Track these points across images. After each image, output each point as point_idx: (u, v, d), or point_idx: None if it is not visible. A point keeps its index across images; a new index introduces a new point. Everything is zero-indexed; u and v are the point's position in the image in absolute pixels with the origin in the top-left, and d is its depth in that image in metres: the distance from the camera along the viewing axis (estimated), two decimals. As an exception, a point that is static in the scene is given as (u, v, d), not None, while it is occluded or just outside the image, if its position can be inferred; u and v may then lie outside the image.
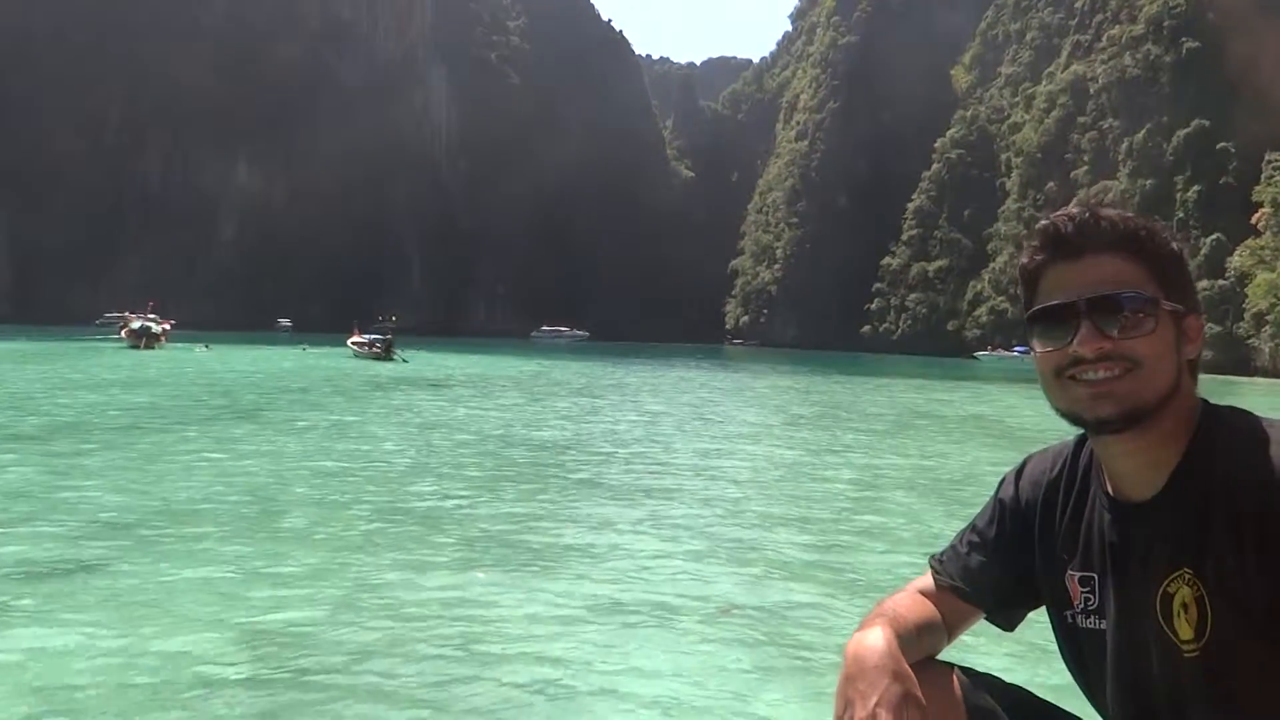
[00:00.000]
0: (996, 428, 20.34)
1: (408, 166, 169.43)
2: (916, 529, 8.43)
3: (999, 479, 1.55)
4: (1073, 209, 1.38)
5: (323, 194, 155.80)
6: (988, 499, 1.59)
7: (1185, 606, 1.29)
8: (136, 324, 49.36)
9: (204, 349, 49.43)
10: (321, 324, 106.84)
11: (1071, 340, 1.31)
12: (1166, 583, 1.31)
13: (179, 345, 53.45)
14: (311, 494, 8.79)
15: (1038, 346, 1.36)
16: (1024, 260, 1.40)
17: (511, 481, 10.10)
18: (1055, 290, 1.35)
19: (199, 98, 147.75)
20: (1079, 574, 1.42)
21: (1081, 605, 1.43)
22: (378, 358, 42.34)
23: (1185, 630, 1.29)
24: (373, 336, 45.85)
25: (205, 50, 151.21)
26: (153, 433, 13.07)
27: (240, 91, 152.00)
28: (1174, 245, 1.36)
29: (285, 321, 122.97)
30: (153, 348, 46.64)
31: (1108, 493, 1.40)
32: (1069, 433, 1.47)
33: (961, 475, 12.23)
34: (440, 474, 10.58)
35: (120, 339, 48.97)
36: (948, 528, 7.71)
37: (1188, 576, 1.29)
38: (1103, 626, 1.40)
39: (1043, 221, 1.39)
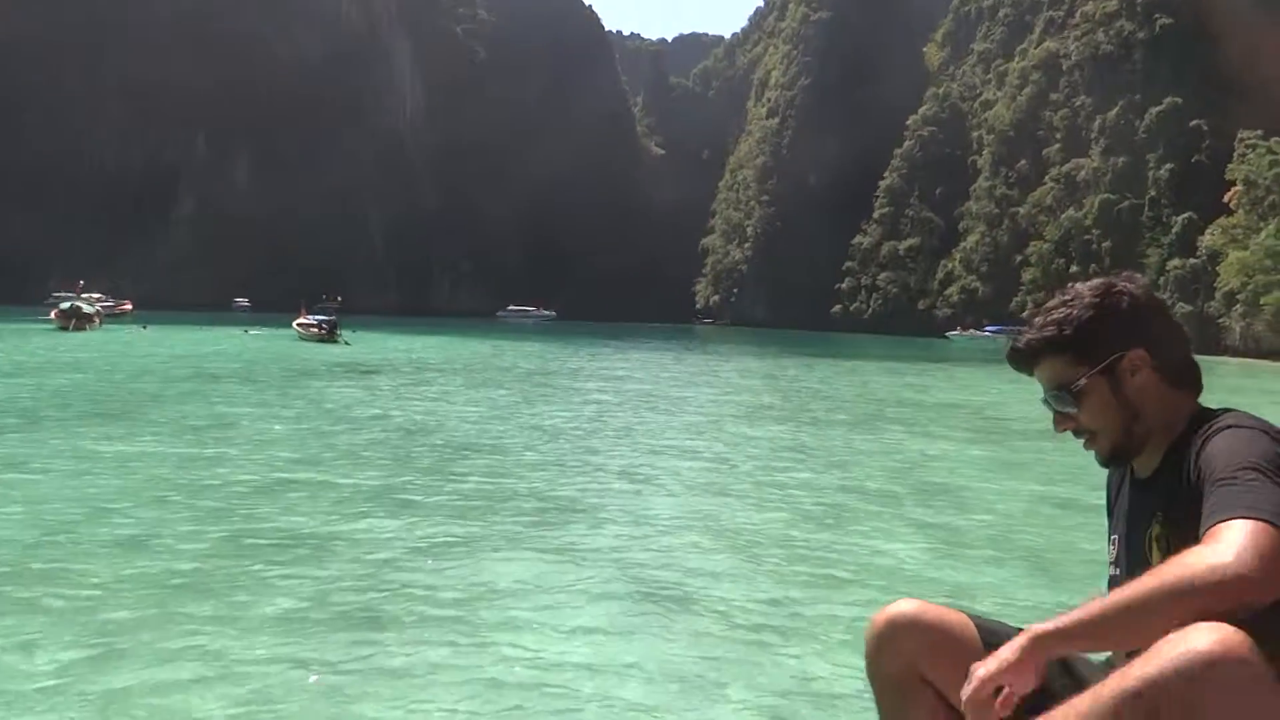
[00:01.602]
0: (978, 420, 18.55)
1: (372, 142, 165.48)
2: (896, 551, 6.55)
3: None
4: (1017, 339, 1.86)
5: (284, 170, 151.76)
6: None
7: (1157, 539, 1.73)
8: (66, 304, 46.65)
9: (142, 329, 46.84)
10: (283, 303, 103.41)
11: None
12: (1149, 527, 1.75)
13: (116, 326, 50.79)
14: (128, 525, 6.75)
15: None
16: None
17: (394, 495, 8.10)
18: (1041, 388, 1.85)
19: (157, 69, 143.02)
20: (1112, 535, 1.92)
21: (1112, 558, 1.90)
22: (321, 340, 40.09)
23: (1157, 556, 1.71)
24: (317, 318, 43.43)
25: (163, 20, 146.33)
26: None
27: (199, 64, 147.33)
28: (1084, 317, 1.75)
29: (243, 301, 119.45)
30: (84, 329, 44.01)
31: (1133, 474, 1.86)
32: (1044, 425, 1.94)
33: (946, 477, 10.39)
34: (313, 487, 8.55)
35: (50, 320, 46.27)
36: (932, 549, 5.97)
37: (1160, 518, 1.73)
38: (1118, 572, 1.85)
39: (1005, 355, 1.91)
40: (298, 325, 43.72)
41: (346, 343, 39.52)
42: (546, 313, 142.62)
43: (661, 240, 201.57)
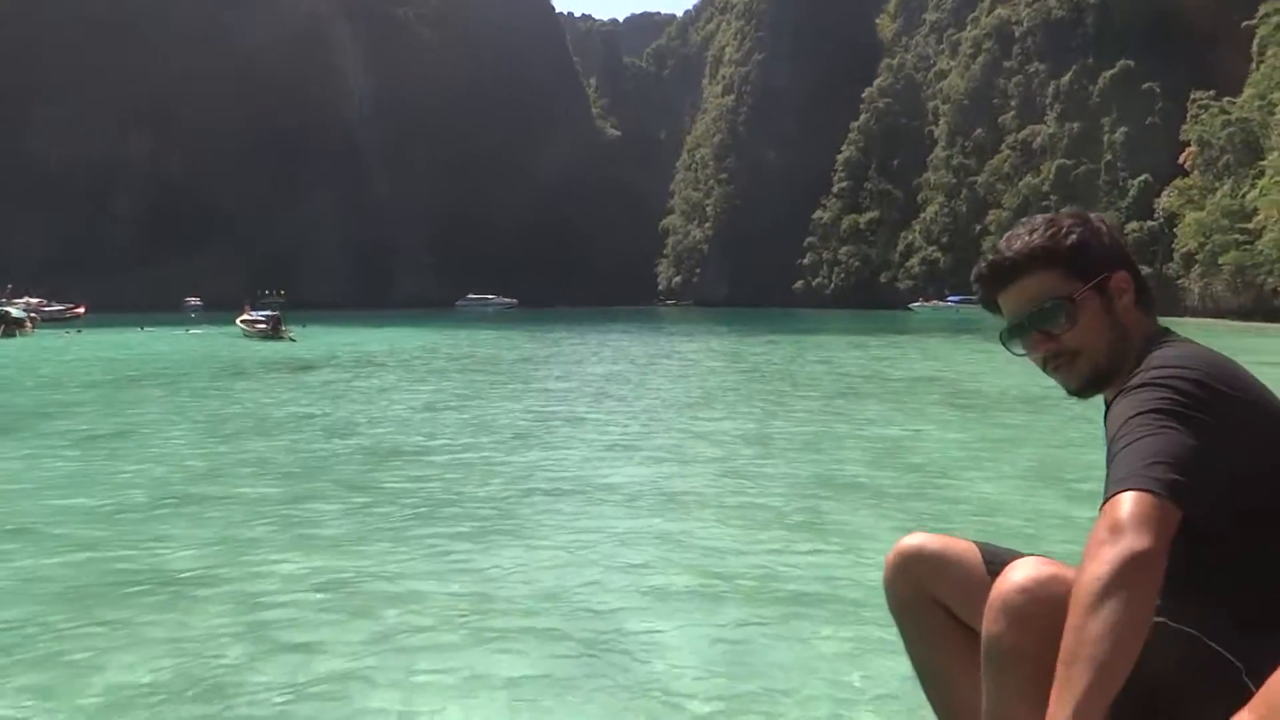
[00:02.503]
0: (952, 394, 17.46)
1: (320, 131, 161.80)
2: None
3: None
4: (989, 255, 1.82)
5: (227, 163, 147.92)
6: None
7: None
8: None
9: (76, 333, 44.72)
10: (237, 301, 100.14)
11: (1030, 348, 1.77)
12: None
13: (51, 331, 48.55)
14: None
15: (1020, 353, 1.80)
16: (980, 298, 1.85)
17: (291, 515, 6.75)
18: (1007, 312, 1.79)
19: (83, 60, 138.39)
20: None
21: None
22: (265, 336, 38.30)
23: None
24: (261, 314, 41.54)
25: (97, 9, 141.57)
26: None
27: (131, 58, 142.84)
28: (1073, 236, 1.72)
29: (194, 300, 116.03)
30: (14, 335, 41.85)
31: (1108, 407, 1.76)
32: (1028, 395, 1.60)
33: (927, 457, 9.24)
34: (202, 506, 7.18)
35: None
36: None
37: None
38: None
39: (975, 269, 1.85)
40: (241, 322, 41.87)
41: (291, 339, 37.80)
42: (507, 300, 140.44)
43: (621, 223, 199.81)
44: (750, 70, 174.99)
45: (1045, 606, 1.52)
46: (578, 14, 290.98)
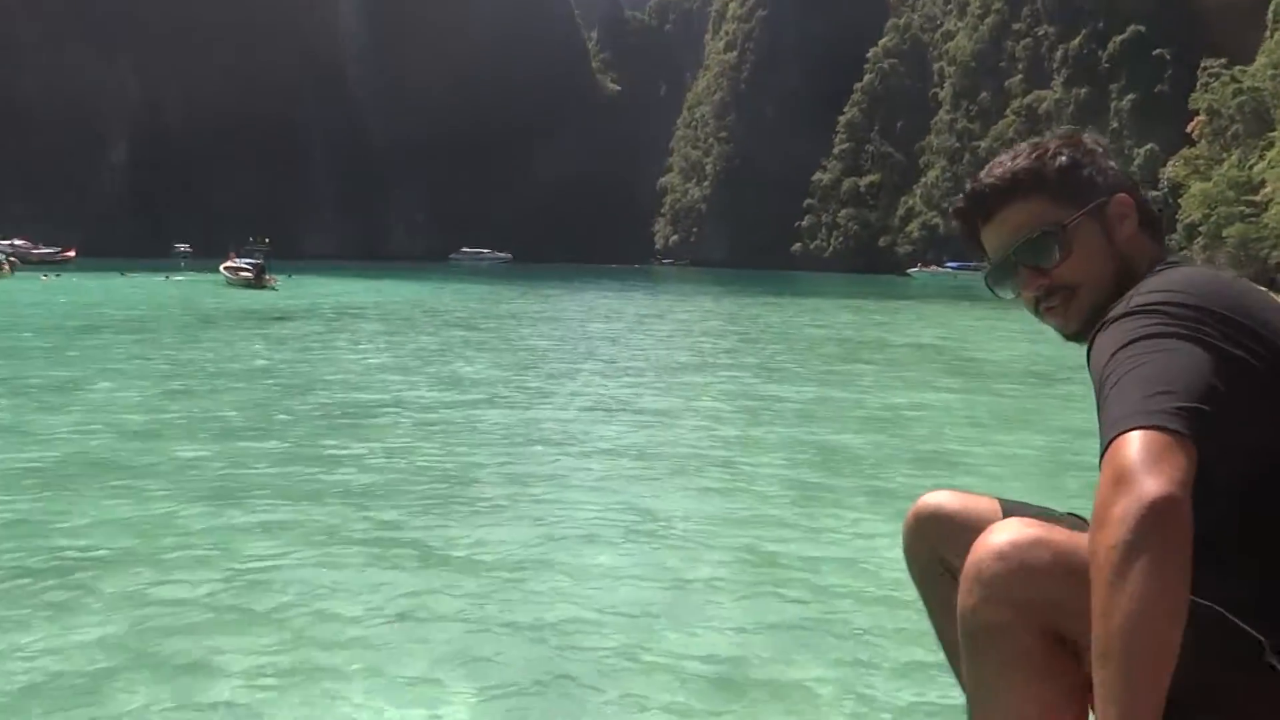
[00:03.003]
0: (954, 362, 16.68)
1: (316, 78, 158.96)
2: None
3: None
4: (968, 184, 1.59)
5: (221, 109, 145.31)
6: None
7: None
8: None
9: (43, 279, 43.73)
10: (227, 249, 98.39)
11: (1021, 287, 1.53)
12: None
13: (32, 274, 47.57)
14: None
15: (1009, 296, 1.57)
16: (961, 235, 1.62)
17: (232, 483, 5.96)
18: (991, 251, 1.56)
19: (75, 7, 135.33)
20: None
21: None
22: (248, 285, 37.36)
23: None
24: (246, 262, 40.49)
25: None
26: None
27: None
28: (1062, 158, 1.49)
29: (183, 247, 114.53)
30: (-9, 279, 40.90)
31: None
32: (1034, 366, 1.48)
33: (929, 430, 8.47)
34: (135, 474, 6.39)
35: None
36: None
37: None
38: None
39: (952, 205, 1.63)
40: (225, 269, 40.85)
41: (274, 288, 36.88)
42: (501, 255, 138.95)
43: (620, 180, 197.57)
44: (754, 26, 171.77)
45: (1025, 575, 1.29)
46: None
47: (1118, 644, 1.03)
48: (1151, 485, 1.06)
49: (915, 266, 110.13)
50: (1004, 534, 1.33)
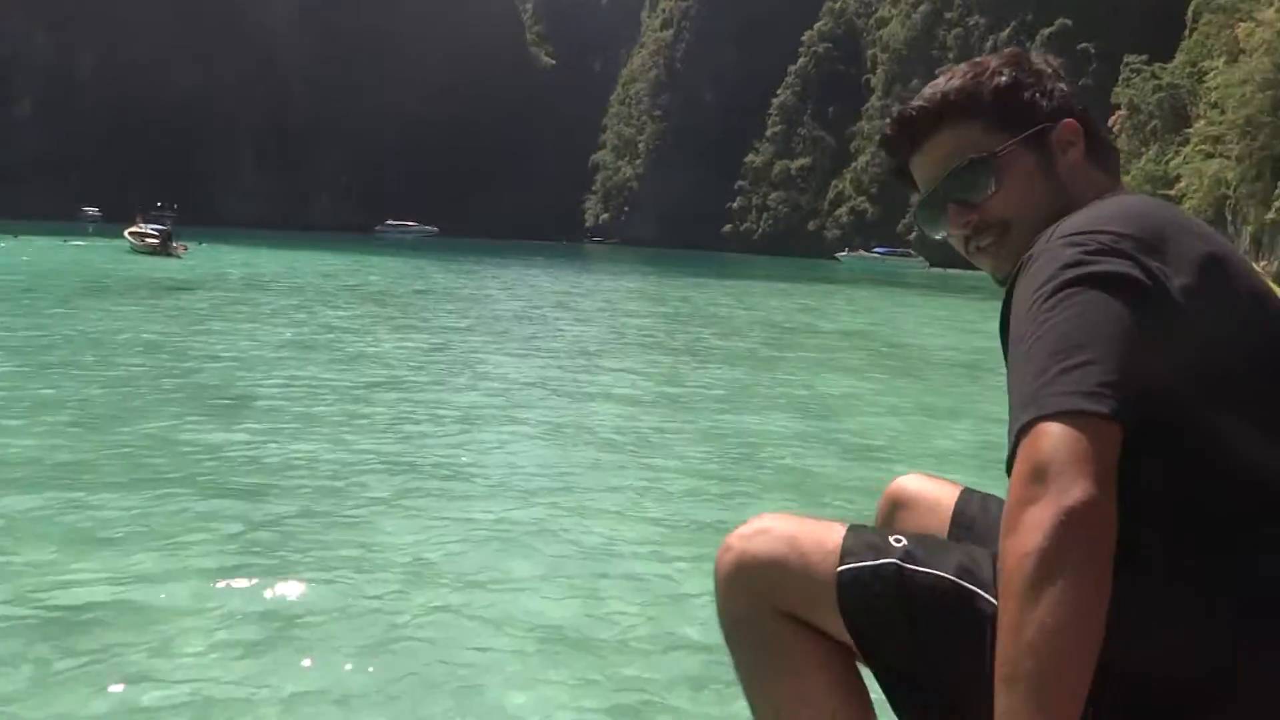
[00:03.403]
0: (884, 349, 16.29)
1: (238, 44, 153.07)
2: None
3: None
4: (894, 109, 1.41)
5: (139, 67, 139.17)
6: None
7: None
8: None
9: None
10: (134, 214, 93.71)
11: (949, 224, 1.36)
12: None
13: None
14: None
15: (939, 235, 1.39)
16: (889, 169, 1.44)
17: (62, 483, 5.07)
18: (921, 185, 1.38)
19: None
20: None
21: None
22: (154, 252, 35.46)
23: None
24: (151, 227, 38.38)
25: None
26: None
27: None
28: (1001, 78, 1.32)
29: (92, 210, 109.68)
30: None
31: None
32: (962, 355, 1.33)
33: (862, 423, 7.94)
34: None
35: None
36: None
37: None
38: None
39: (879, 134, 1.45)
40: (129, 234, 38.72)
41: (180, 256, 35.10)
42: (428, 228, 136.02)
43: (552, 155, 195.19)
44: (690, 5, 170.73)
45: (751, 563, 1.26)
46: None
47: (1029, 665, 0.90)
48: (1071, 485, 0.92)
49: (844, 251, 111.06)
50: (738, 529, 1.31)
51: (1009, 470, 0.97)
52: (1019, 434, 0.97)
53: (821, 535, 1.25)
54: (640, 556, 4.59)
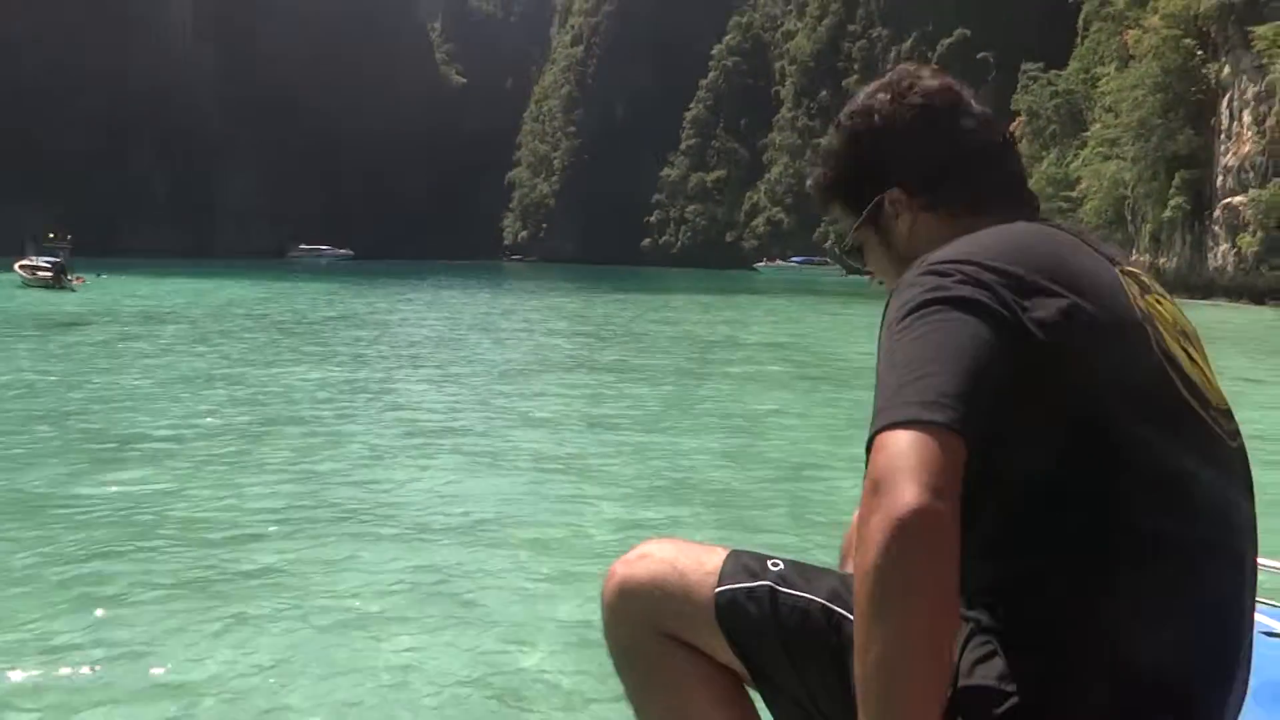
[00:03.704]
0: (807, 360, 16.13)
1: (141, 59, 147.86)
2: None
3: None
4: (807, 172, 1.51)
5: (37, 95, 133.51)
6: None
7: None
8: None
9: None
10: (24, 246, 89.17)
11: None
12: None
13: None
14: None
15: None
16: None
17: None
18: None
19: None
20: None
21: None
22: (47, 285, 33.64)
23: None
24: (44, 260, 36.39)
25: None
26: None
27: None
28: (844, 143, 1.37)
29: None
30: None
31: None
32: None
33: (789, 440, 7.64)
34: None
35: None
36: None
37: None
38: None
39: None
40: (20, 268, 36.69)
41: (74, 289, 33.42)
42: (342, 252, 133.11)
43: (466, 174, 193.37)
44: (600, 21, 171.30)
45: (631, 589, 1.29)
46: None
47: (877, 685, 0.89)
48: (905, 495, 0.90)
49: (762, 261, 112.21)
50: (622, 556, 1.34)
51: None
52: (866, 448, 0.98)
53: (703, 558, 1.28)
54: (560, 598, 4.16)
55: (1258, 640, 1.16)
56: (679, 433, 8.83)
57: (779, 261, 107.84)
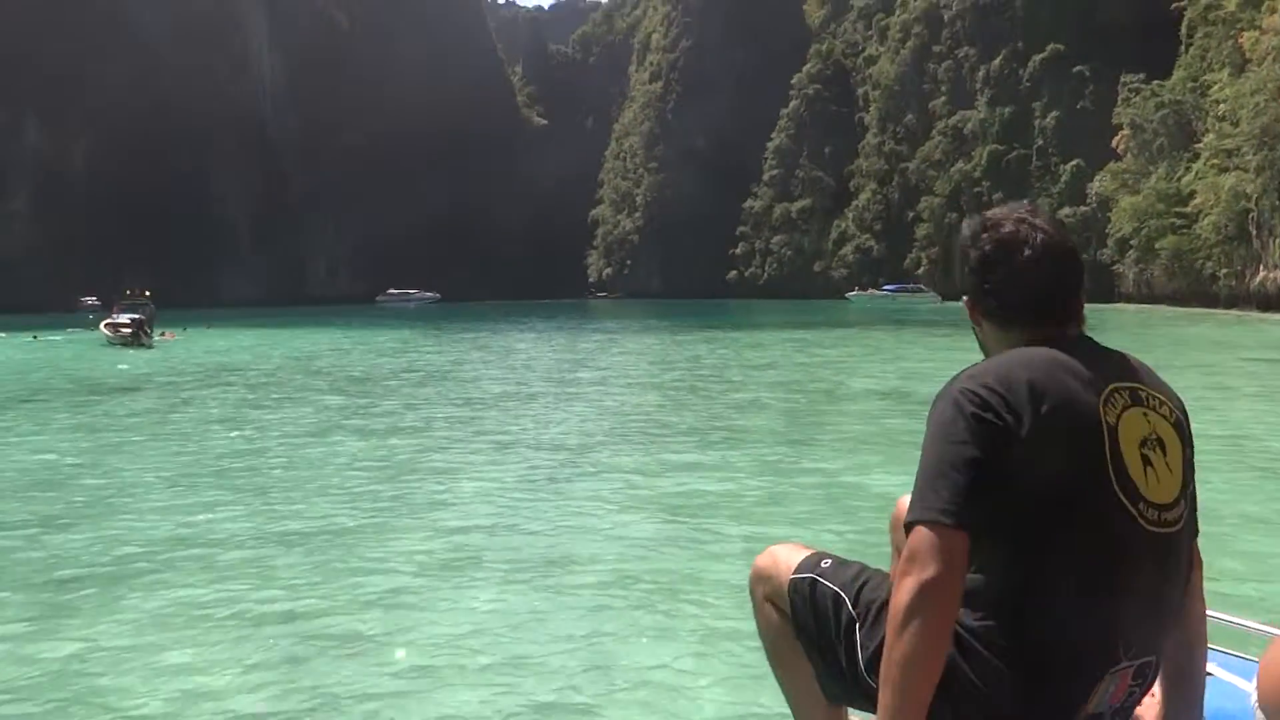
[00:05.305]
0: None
1: (229, 123, 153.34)
2: None
3: None
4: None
5: (131, 156, 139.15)
6: None
7: None
8: None
9: None
10: (112, 306, 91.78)
11: None
12: None
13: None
14: None
15: None
16: None
17: None
18: None
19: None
20: None
21: None
22: (126, 343, 33.33)
23: None
24: (126, 317, 36.19)
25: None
26: None
27: (23, 44, 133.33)
28: (961, 260, 1.79)
29: (91, 299, 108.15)
30: None
31: None
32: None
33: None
34: None
35: None
36: None
37: None
38: None
39: None
40: (105, 327, 36.63)
41: (151, 346, 33.04)
42: (429, 295, 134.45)
43: (550, 213, 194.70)
44: (678, 57, 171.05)
45: (758, 577, 1.92)
46: (501, 0, 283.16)
47: (895, 673, 1.45)
48: (926, 570, 1.44)
49: (853, 290, 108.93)
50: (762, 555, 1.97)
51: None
52: (905, 526, 1.50)
53: (792, 556, 1.88)
54: None
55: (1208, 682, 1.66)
56: (776, 520, 6.83)
57: (871, 290, 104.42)
